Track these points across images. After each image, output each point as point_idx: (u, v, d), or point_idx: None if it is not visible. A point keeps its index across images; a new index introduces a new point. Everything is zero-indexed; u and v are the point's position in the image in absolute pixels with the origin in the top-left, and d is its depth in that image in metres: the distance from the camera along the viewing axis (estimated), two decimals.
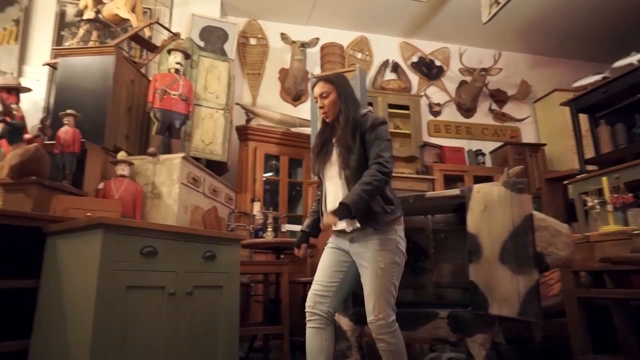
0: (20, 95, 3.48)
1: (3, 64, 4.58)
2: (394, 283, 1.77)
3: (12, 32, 4.70)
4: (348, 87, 1.97)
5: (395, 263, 1.77)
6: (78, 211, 2.46)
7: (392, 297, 1.77)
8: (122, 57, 3.70)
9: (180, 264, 2.00)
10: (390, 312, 1.75)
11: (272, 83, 5.51)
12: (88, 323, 1.65)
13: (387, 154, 1.79)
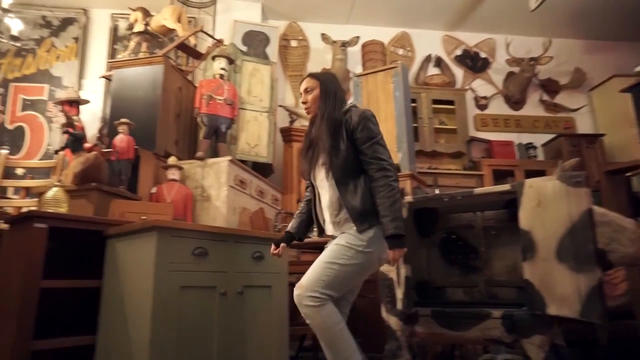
0: (80, 107, 3.71)
1: (65, 79, 4.90)
2: (340, 265, 1.63)
3: (73, 49, 5.02)
4: (334, 85, 1.87)
5: (353, 249, 1.65)
6: (134, 215, 2.58)
7: (328, 276, 1.62)
8: (170, 65, 3.85)
9: (230, 265, 2.05)
10: (317, 287, 1.61)
11: None
12: (146, 321, 1.73)
13: (385, 154, 1.72)
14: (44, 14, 5.04)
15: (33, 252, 1.91)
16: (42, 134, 4.74)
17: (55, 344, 1.93)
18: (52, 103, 4.73)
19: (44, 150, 4.69)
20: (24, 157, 4.60)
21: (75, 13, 5.10)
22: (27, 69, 4.90)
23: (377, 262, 1.71)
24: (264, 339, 2.13)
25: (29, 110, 4.79)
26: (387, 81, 4.08)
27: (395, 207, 1.62)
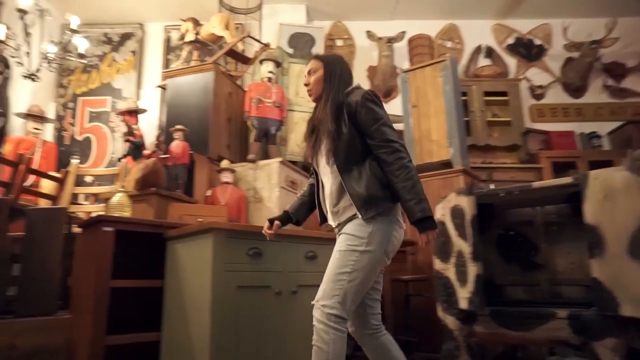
0: (139, 116, 3.92)
1: (125, 90, 5.20)
2: (350, 274, 1.51)
3: (131, 62, 5.31)
4: (339, 67, 1.75)
5: (357, 252, 1.52)
6: (191, 217, 2.69)
7: (342, 289, 1.50)
8: (220, 72, 3.97)
9: (284, 264, 2.09)
10: (335, 305, 1.49)
11: (361, 81, 5.51)
12: (206, 319, 1.80)
13: (394, 136, 1.59)
14: (105, 31, 5.37)
15: (102, 254, 2.04)
16: (107, 143, 5.06)
17: (126, 339, 2.05)
18: (114, 114, 5.02)
19: (109, 158, 5.00)
20: (91, 165, 4.93)
21: (132, 28, 5.39)
22: (92, 83, 5.24)
23: (385, 256, 1.57)
24: None
25: (94, 121, 5.13)
26: (435, 75, 3.98)
27: (417, 188, 1.52)
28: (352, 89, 1.69)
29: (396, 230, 1.59)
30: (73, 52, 4.06)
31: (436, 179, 3.67)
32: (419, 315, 3.34)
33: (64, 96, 5.20)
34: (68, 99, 5.19)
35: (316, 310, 1.53)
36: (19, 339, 1.92)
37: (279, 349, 1.98)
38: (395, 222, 1.59)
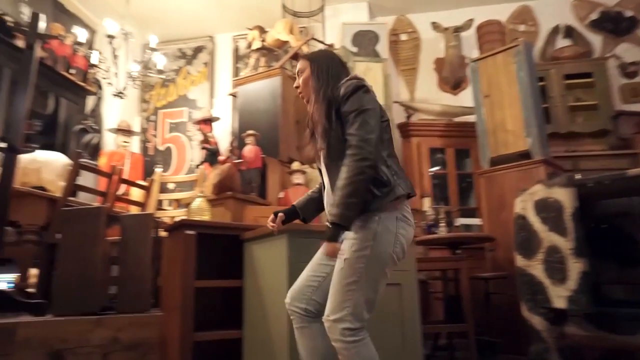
0: (213, 124, 4.12)
1: (199, 100, 5.51)
2: (359, 282, 1.39)
3: (204, 73, 5.62)
4: (326, 62, 1.65)
5: (365, 257, 1.40)
6: (265, 219, 2.77)
7: (353, 300, 1.38)
8: (287, 76, 4.07)
9: None
10: (347, 317, 1.38)
11: (429, 75, 5.36)
12: (284, 318, 1.84)
13: (361, 131, 1.42)
14: (180, 47, 5.73)
15: (186, 256, 2.17)
16: (185, 152, 5.39)
17: (212, 336, 2.17)
18: (191, 123, 5.34)
19: (188, 165, 5.32)
20: (173, 173, 5.28)
21: (203, 41, 5.69)
22: (170, 96, 5.61)
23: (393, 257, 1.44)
24: (396, 337, 2.12)
25: (174, 132, 5.49)
26: (508, 62, 3.77)
27: (346, 190, 1.38)
28: (344, 81, 1.55)
29: (403, 228, 1.46)
30: (153, 68, 4.38)
31: (513, 171, 3.48)
32: (502, 315, 3.17)
33: (146, 110, 5.62)
34: (150, 113, 5.60)
35: (329, 328, 1.42)
36: (121, 333, 2.10)
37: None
38: (401, 219, 1.46)
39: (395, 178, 1.47)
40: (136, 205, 3.64)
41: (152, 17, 5.13)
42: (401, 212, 1.47)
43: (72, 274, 2.23)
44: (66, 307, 2.18)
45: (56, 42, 4.40)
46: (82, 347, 2.01)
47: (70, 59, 4.61)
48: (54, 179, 3.08)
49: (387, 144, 1.53)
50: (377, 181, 1.44)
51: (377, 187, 1.43)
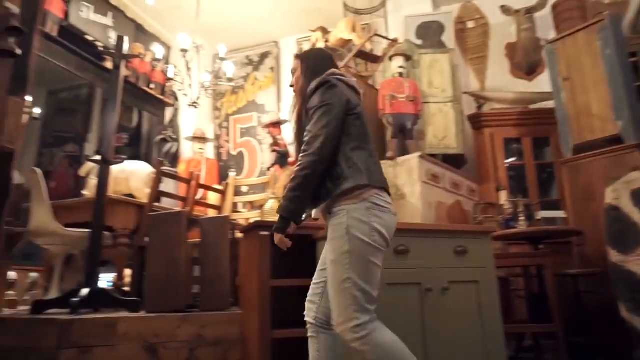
0: (282, 127, 4.23)
1: (267, 105, 5.69)
2: (351, 278, 1.40)
3: (270, 78, 5.79)
4: (312, 61, 1.71)
5: (347, 253, 1.40)
6: None
7: (352, 296, 1.39)
8: (351, 74, 4.06)
9: (432, 261, 2.04)
10: (352, 316, 1.38)
11: (500, 62, 5.09)
12: None
13: (315, 128, 1.47)
14: (247, 54, 5.95)
15: (262, 256, 2.25)
16: (257, 155, 5.59)
17: (289, 334, 2.23)
18: (260, 127, 5.52)
19: (259, 168, 5.51)
20: (245, 176, 5.49)
21: (269, 47, 5.87)
22: (240, 102, 5.85)
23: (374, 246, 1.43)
24: (475, 335, 2.04)
25: (245, 137, 5.72)
26: (591, 40, 3.46)
27: (290, 186, 1.46)
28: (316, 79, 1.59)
29: (377, 216, 1.44)
30: (223, 77, 4.59)
31: (602, 159, 3.20)
32: (595, 316, 2.93)
33: (219, 117, 5.91)
34: (222, 119, 5.88)
35: (341, 332, 1.43)
36: (205, 329, 2.23)
37: (433, 347, 1.93)
38: (373, 207, 1.45)
39: (351, 171, 1.47)
40: (213, 208, 3.84)
41: (220, 28, 5.38)
42: (371, 201, 1.45)
43: (159, 275, 2.40)
44: (156, 305, 2.36)
45: (138, 61, 4.77)
46: (171, 341, 2.15)
47: (150, 75, 4.98)
48: (140, 186, 3.34)
49: (354, 136, 1.54)
50: (331, 175, 1.48)
51: (331, 180, 1.47)
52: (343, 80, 1.61)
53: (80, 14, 4.20)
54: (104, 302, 2.41)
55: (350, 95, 1.59)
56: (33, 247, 3.05)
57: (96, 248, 2.47)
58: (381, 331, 1.42)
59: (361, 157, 1.51)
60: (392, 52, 4.11)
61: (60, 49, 3.95)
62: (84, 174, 3.48)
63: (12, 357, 2.03)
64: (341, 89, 1.56)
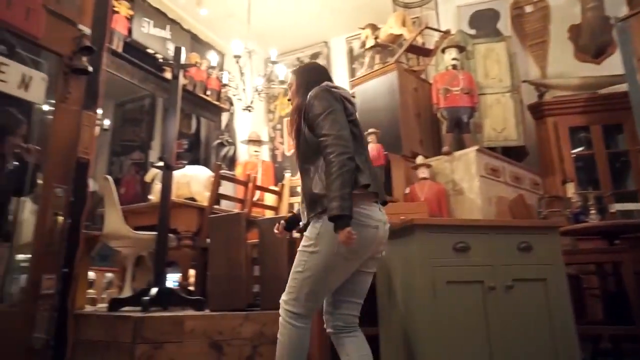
0: None
1: None
2: (303, 273, 1.54)
3: None
4: (307, 75, 1.78)
5: (309, 253, 1.54)
6: (393, 216, 2.75)
7: (297, 288, 1.56)
8: (403, 70, 4.00)
9: (495, 258, 1.96)
10: (290, 302, 1.58)
11: (562, 46, 4.78)
12: (419, 315, 1.82)
13: (332, 130, 1.51)
14: (297, 56, 6.03)
15: None
16: None
17: None
18: None
19: None
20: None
21: (319, 47, 5.91)
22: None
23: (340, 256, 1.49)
24: (544, 337, 1.93)
25: None
26: None
27: (335, 184, 1.44)
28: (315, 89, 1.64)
29: (355, 229, 1.44)
30: (275, 80, 4.68)
31: None
32: None
33: (272, 120, 6.03)
34: (276, 122, 6.00)
35: (280, 305, 1.62)
36: (266, 327, 2.28)
37: (499, 347, 1.85)
38: (353, 222, 1.45)
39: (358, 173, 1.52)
40: (270, 209, 3.93)
41: (270, 32, 5.49)
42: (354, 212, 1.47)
43: (221, 275, 2.50)
44: (219, 304, 2.45)
45: (194, 69, 4.99)
46: (235, 339, 2.23)
47: (206, 82, 5.18)
48: (201, 190, 3.49)
49: (354, 141, 1.58)
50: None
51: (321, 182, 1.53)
52: (337, 90, 1.67)
53: (141, 30, 4.45)
54: (171, 301, 2.54)
55: (346, 103, 1.66)
56: (108, 249, 3.28)
57: (162, 250, 2.61)
58: (302, 333, 1.57)
59: (361, 163, 1.56)
60: (445, 44, 4.00)
61: (125, 63, 4.21)
62: (149, 180, 3.69)
63: (97, 348, 2.22)
64: (337, 95, 1.63)
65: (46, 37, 2.42)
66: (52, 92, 2.54)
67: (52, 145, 2.44)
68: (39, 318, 2.25)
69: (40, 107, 2.60)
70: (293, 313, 1.57)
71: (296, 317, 1.57)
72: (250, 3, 4.74)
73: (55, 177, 2.42)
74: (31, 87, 2.34)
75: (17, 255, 2.60)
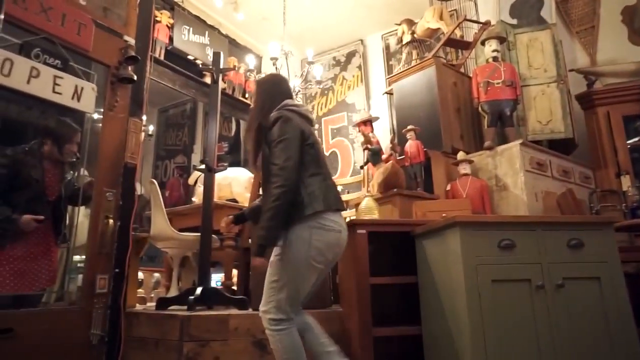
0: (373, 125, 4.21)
1: (357, 103, 5.71)
2: (279, 281, 1.68)
3: (358, 77, 5.81)
4: (264, 88, 1.93)
5: (282, 261, 1.69)
6: (434, 213, 2.72)
7: (275, 296, 1.68)
8: (441, 64, 3.91)
9: (542, 255, 1.88)
10: (271, 310, 1.68)
11: (614, 30, 4.51)
12: (464, 314, 1.77)
13: (279, 160, 1.67)
14: (333, 55, 6.03)
15: (359, 254, 2.26)
16: (349, 154, 5.63)
17: (391, 332, 2.22)
18: (351, 126, 5.55)
19: (352, 167, 5.54)
20: (339, 176, 5.57)
21: (354, 46, 5.88)
22: (330, 103, 5.94)
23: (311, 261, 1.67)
24: (601, 339, 1.84)
25: (336, 137, 5.80)
26: None
27: (267, 215, 1.63)
28: (273, 112, 1.79)
29: (319, 234, 1.67)
30: (312, 80, 4.70)
31: None
32: None
33: None
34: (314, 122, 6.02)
35: (261, 318, 1.71)
36: None
37: (550, 348, 1.78)
38: (316, 227, 1.67)
39: (310, 198, 1.68)
40: None
41: (306, 33, 5.52)
42: (317, 221, 1.68)
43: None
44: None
45: (233, 73, 5.09)
46: None
47: (245, 85, 5.27)
48: (242, 191, 3.55)
49: (308, 164, 1.74)
50: (295, 202, 1.68)
51: (294, 206, 1.67)
52: (297, 111, 1.82)
53: (182, 37, 4.59)
54: (215, 300, 2.61)
55: (304, 126, 1.80)
56: (155, 250, 3.41)
57: (206, 250, 2.68)
58: (290, 334, 1.68)
59: (317, 183, 1.73)
60: (485, 35, 3.88)
61: (167, 70, 4.36)
62: (192, 183, 3.81)
63: (147, 345, 2.31)
64: (295, 122, 1.76)
65: (95, 49, 2.55)
66: (101, 101, 2.67)
67: (102, 151, 2.57)
68: (95, 315, 2.38)
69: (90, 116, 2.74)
70: (276, 320, 1.68)
71: (279, 322, 1.68)
72: (286, 5, 4.79)
73: (105, 182, 2.54)
74: (83, 98, 2.47)
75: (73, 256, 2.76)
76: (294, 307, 1.73)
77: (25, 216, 2.34)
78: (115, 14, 2.79)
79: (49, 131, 2.59)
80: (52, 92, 2.34)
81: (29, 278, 2.39)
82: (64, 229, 2.64)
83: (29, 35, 2.30)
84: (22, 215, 2.34)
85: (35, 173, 2.46)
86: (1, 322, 2.06)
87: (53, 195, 2.55)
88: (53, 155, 2.57)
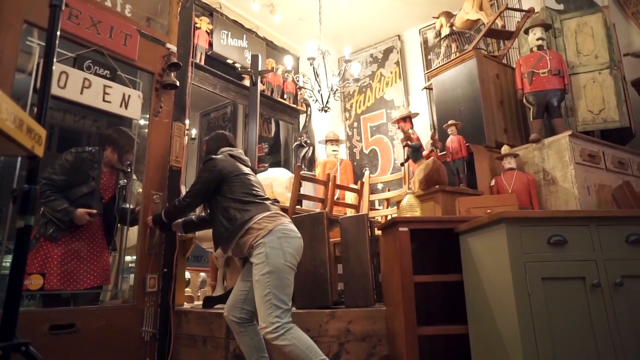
0: (412, 121, 4.15)
1: (396, 100, 5.64)
2: (272, 291, 1.91)
3: (396, 73, 5.74)
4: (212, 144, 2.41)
5: (268, 273, 1.93)
6: (479, 209, 2.64)
7: (273, 304, 1.89)
8: (482, 56, 3.80)
9: (597, 252, 1.79)
10: (273, 320, 1.87)
11: None
12: (512, 314, 1.71)
13: (191, 189, 2.21)
14: (370, 52, 5.98)
15: (402, 252, 2.23)
16: (389, 152, 5.57)
17: (436, 330, 2.18)
18: (391, 123, 5.49)
19: (392, 165, 5.48)
20: (379, 174, 5.52)
21: (391, 42, 5.81)
22: (368, 101, 5.90)
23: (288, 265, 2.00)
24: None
25: (376, 134, 5.75)
26: None
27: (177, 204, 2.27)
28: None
29: (286, 241, 2.02)
30: (350, 78, 4.69)
31: None
32: None
33: (349, 118, 6.04)
34: (352, 120, 6.00)
35: (266, 334, 1.89)
36: (352, 325, 2.30)
37: (609, 349, 1.69)
38: (282, 236, 2.02)
39: (240, 213, 2.07)
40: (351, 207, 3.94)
41: (343, 31, 5.51)
42: (281, 231, 2.03)
43: (306, 273, 2.55)
44: (304, 301, 2.52)
45: (271, 75, 5.16)
46: (322, 336, 2.27)
47: (283, 86, 5.33)
48: (283, 191, 3.60)
49: (240, 188, 2.16)
50: (228, 218, 2.08)
51: (228, 222, 2.07)
52: (230, 154, 2.29)
53: (221, 42, 4.70)
54: None
55: (234, 167, 2.22)
56: (200, 250, 3.52)
57: None
58: (295, 330, 1.90)
59: (248, 199, 2.12)
60: (528, 24, 3.73)
61: (207, 75, 4.48)
62: None
63: (196, 342, 2.39)
64: (220, 165, 2.19)
65: (140, 58, 2.66)
66: (147, 107, 2.78)
67: (149, 155, 2.67)
68: (147, 313, 2.48)
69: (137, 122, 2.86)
70: (283, 325, 1.88)
71: (286, 324, 1.89)
72: (321, 4, 4.80)
73: (153, 185, 2.65)
74: (130, 105, 2.59)
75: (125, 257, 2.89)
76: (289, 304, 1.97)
77: (80, 209, 2.45)
78: (158, 23, 2.90)
79: (111, 140, 2.72)
80: (102, 100, 2.47)
81: (80, 275, 2.49)
82: (115, 233, 2.76)
83: (81, 49, 2.43)
84: (77, 208, 2.46)
85: (94, 172, 2.59)
86: (65, 317, 2.20)
87: (107, 197, 2.69)
88: (112, 161, 2.70)
